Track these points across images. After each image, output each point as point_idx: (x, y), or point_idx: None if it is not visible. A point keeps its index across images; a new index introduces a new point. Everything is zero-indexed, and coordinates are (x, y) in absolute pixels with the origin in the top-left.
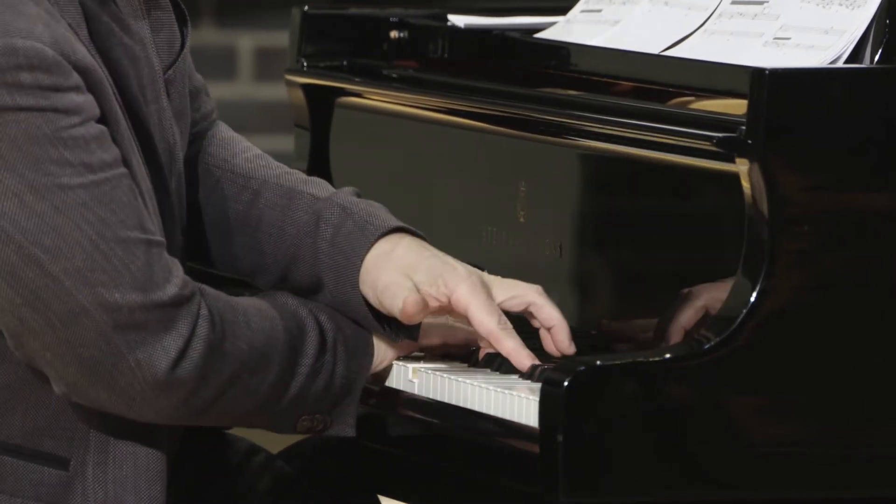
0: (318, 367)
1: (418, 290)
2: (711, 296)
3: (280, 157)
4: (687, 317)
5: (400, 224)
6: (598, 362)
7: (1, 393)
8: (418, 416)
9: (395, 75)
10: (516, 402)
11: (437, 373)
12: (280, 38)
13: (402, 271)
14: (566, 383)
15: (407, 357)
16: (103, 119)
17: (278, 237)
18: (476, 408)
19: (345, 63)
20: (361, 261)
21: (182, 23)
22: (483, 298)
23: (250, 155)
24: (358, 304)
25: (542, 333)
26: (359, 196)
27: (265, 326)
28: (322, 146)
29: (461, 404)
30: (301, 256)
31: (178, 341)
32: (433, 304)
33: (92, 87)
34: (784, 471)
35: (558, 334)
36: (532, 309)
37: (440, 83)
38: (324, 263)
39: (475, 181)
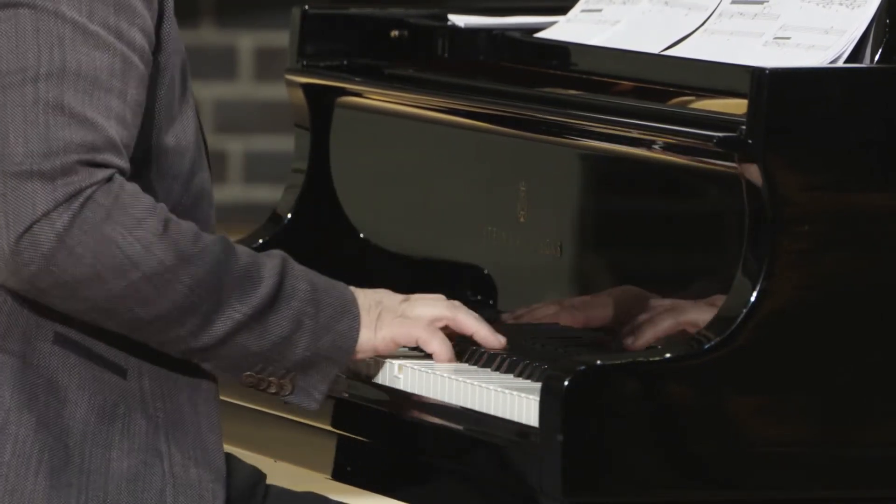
0: (261, 325)
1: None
2: (695, 316)
3: (280, 156)
4: (664, 326)
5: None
6: (599, 362)
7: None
8: (419, 415)
9: (395, 75)
10: (516, 402)
11: (438, 373)
12: (280, 38)
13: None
14: (566, 383)
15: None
16: (159, 15)
17: None
18: (477, 407)
19: (345, 63)
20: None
21: None
22: (398, 323)
23: None
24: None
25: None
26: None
27: (194, 248)
28: (322, 146)
29: (462, 404)
30: None
31: (47, 203)
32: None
33: None
34: (784, 470)
35: (484, 340)
36: (448, 323)
37: (440, 83)
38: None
39: (475, 181)
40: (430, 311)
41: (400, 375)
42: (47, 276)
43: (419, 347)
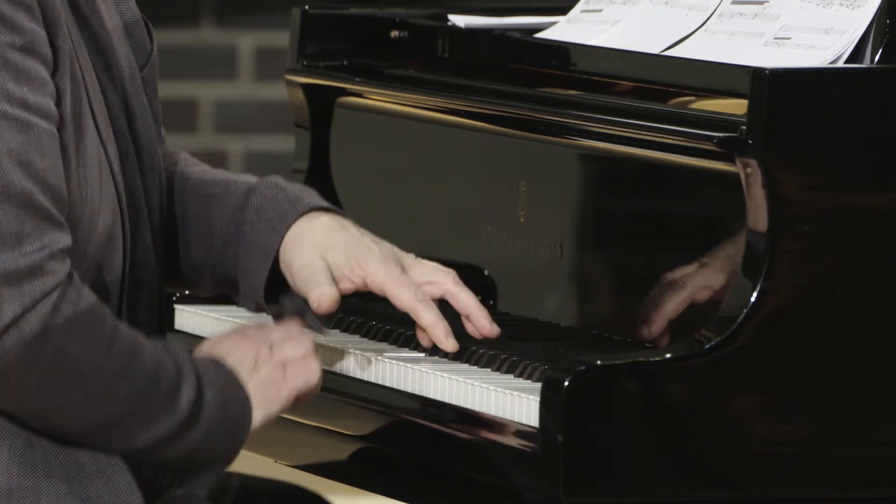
0: (179, 438)
1: (332, 274)
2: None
3: (280, 156)
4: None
5: (328, 205)
6: (599, 362)
7: None
8: (418, 416)
9: (395, 75)
10: (517, 402)
11: (438, 372)
12: (280, 38)
13: (318, 251)
14: (567, 383)
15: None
16: (55, 66)
17: (214, 213)
18: (476, 408)
19: (345, 63)
20: (286, 230)
21: (147, 26)
22: (396, 274)
23: (180, 157)
24: (259, 279)
25: (463, 318)
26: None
27: (133, 363)
28: (322, 146)
29: (462, 404)
30: (228, 234)
31: (17, 310)
32: (347, 286)
33: (50, 26)
34: (784, 470)
35: (478, 320)
36: (448, 297)
37: (440, 83)
38: (246, 235)
39: (476, 181)
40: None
41: (399, 375)
42: (4, 382)
43: (419, 346)
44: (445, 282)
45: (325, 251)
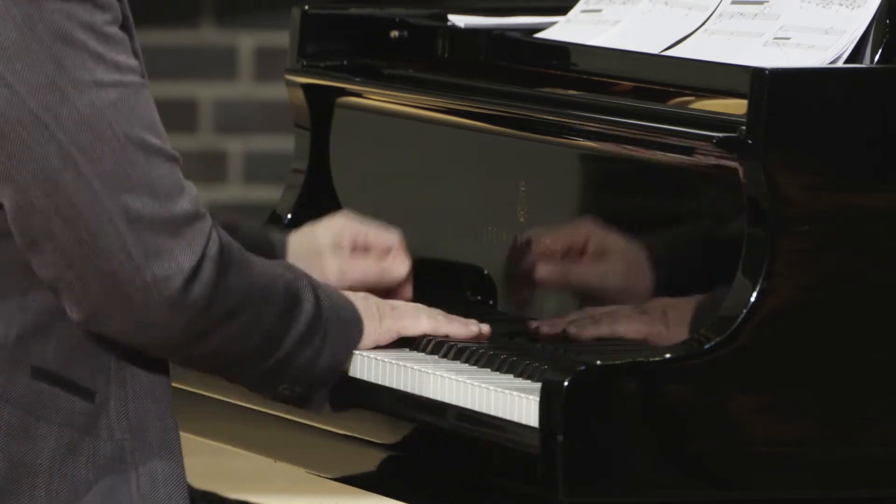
0: (308, 338)
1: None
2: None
3: (280, 156)
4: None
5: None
6: (599, 362)
7: (40, 317)
8: (418, 415)
9: (395, 75)
10: (516, 402)
11: (438, 372)
12: (280, 38)
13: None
14: (566, 383)
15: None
16: (126, 29)
17: None
18: (477, 408)
19: (345, 63)
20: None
21: None
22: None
23: None
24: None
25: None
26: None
27: (267, 273)
28: (322, 146)
29: (462, 404)
30: None
31: (192, 258)
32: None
33: None
34: (785, 470)
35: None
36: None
37: (440, 83)
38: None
39: (475, 181)
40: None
41: (399, 375)
42: (190, 330)
43: (418, 346)
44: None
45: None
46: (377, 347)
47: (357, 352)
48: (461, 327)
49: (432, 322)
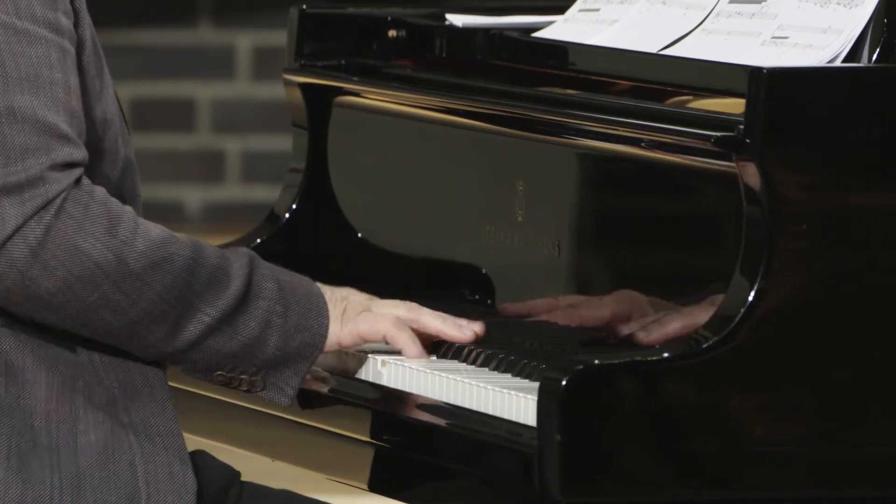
0: (231, 327)
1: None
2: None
3: (278, 156)
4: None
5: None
6: (596, 362)
7: None
8: (416, 415)
9: (393, 74)
10: (514, 402)
11: (436, 371)
12: (278, 38)
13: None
14: (564, 383)
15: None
16: (76, 17)
17: None
18: (474, 407)
19: (343, 62)
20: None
21: None
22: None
23: None
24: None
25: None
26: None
27: (163, 252)
28: (320, 145)
29: (460, 404)
30: None
31: (17, 218)
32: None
33: None
34: (782, 469)
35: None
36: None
37: (438, 82)
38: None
39: (473, 180)
40: (394, 311)
41: (397, 374)
42: (21, 291)
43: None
44: (399, 310)
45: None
46: (374, 348)
47: (354, 350)
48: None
49: (395, 331)
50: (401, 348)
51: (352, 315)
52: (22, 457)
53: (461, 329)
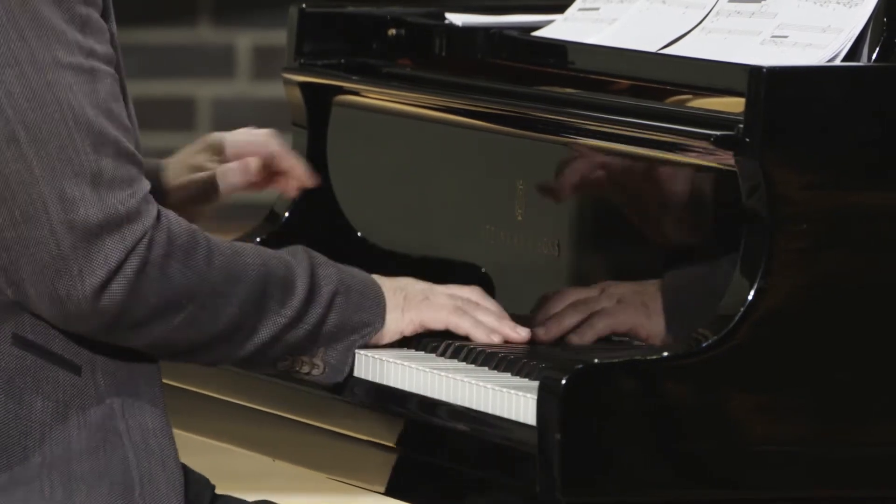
0: (301, 320)
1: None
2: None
3: None
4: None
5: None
6: (596, 361)
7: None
8: (415, 414)
9: (392, 74)
10: (514, 401)
11: (435, 371)
12: (278, 37)
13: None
14: (563, 382)
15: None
16: (104, 10)
17: None
18: (474, 406)
19: (342, 61)
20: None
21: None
22: (426, 305)
23: None
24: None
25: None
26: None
27: (236, 263)
28: (319, 144)
29: (460, 403)
30: None
31: (120, 254)
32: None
33: None
34: (782, 469)
35: (508, 335)
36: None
37: (438, 81)
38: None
39: (473, 180)
40: (453, 300)
41: (396, 373)
42: (118, 323)
43: (416, 344)
44: (458, 301)
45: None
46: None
47: (355, 351)
48: (484, 331)
49: (456, 318)
50: (466, 334)
51: (413, 304)
52: (13, 472)
53: (516, 330)
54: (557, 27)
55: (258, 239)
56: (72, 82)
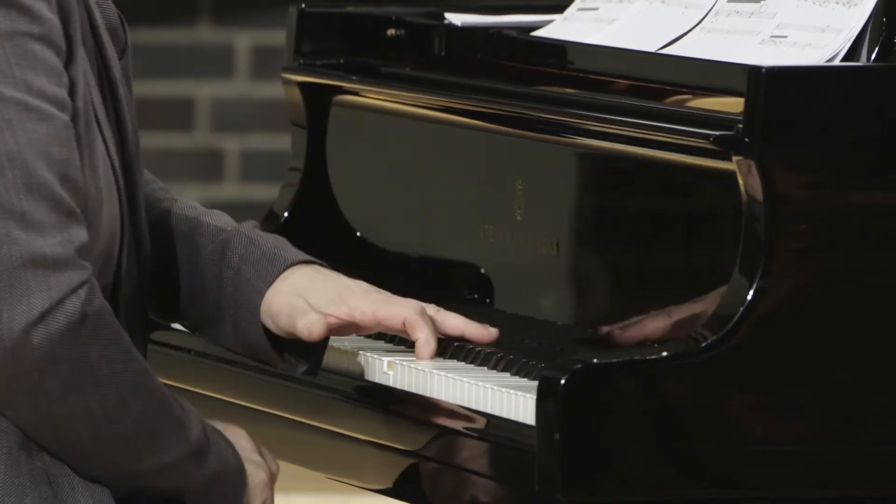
0: (191, 467)
1: (314, 310)
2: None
3: (277, 155)
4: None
5: (308, 258)
6: (595, 361)
7: None
8: (414, 414)
9: (391, 73)
10: (513, 401)
11: (434, 370)
12: (277, 37)
13: (296, 293)
14: (563, 382)
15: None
16: (68, 58)
17: (185, 266)
18: (473, 406)
19: (341, 61)
20: (267, 287)
21: (121, 20)
22: (383, 300)
23: (155, 186)
24: (257, 334)
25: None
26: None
27: (151, 386)
28: (319, 144)
29: (459, 403)
30: (205, 285)
31: (45, 303)
32: (332, 321)
33: (64, 15)
34: (781, 469)
35: (474, 336)
36: (436, 325)
37: (437, 81)
38: (226, 292)
39: (472, 179)
40: (416, 303)
41: (395, 373)
42: (23, 381)
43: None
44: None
45: (304, 293)
46: (372, 346)
47: (351, 349)
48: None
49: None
50: (416, 340)
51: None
52: None
53: (486, 329)
54: (557, 27)
55: None
56: (11, 118)
